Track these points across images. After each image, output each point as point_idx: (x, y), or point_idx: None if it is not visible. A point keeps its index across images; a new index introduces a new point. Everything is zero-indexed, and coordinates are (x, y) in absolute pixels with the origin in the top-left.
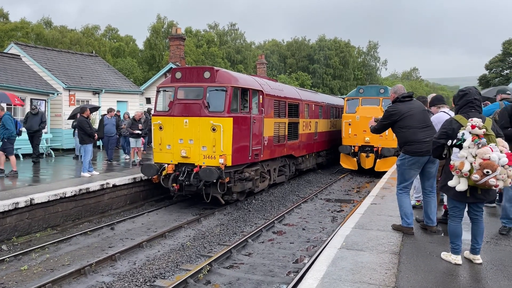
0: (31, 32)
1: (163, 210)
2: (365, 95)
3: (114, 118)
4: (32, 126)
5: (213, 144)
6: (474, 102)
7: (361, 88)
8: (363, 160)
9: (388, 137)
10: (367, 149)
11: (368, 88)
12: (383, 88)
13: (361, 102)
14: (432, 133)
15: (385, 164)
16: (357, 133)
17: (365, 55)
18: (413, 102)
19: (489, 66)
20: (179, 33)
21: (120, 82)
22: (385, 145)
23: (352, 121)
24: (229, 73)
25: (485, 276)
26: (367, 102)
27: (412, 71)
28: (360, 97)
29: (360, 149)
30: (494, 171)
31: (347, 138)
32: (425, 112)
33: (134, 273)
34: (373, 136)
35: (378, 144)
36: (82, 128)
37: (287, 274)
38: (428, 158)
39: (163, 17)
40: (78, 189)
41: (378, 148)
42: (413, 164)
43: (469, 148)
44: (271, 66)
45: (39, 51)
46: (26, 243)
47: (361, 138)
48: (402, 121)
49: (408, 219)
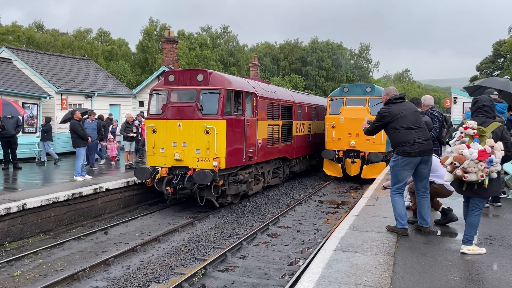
0: (22, 36)
1: (157, 213)
2: (350, 94)
3: (95, 122)
4: (9, 130)
5: (207, 147)
6: (482, 108)
7: (345, 86)
8: (348, 166)
9: (376, 141)
10: (353, 154)
11: (353, 87)
12: (369, 86)
13: (345, 102)
14: (425, 134)
15: (373, 171)
16: (342, 136)
17: (357, 57)
18: (405, 103)
19: (480, 67)
20: (172, 36)
21: (112, 85)
22: (372, 150)
23: (336, 123)
24: (222, 76)
25: (480, 277)
26: (352, 102)
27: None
28: (344, 97)
29: (345, 154)
30: (461, 164)
31: (330, 142)
32: (417, 113)
33: (128, 277)
34: (359, 140)
35: (364, 149)
36: (75, 131)
37: (282, 276)
38: (421, 159)
39: (156, 20)
40: (71, 194)
41: (364, 153)
42: (406, 165)
43: (454, 145)
44: (264, 68)
45: (30, 54)
46: (18, 248)
47: (346, 142)
48: (394, 122)
49: (402, 220)
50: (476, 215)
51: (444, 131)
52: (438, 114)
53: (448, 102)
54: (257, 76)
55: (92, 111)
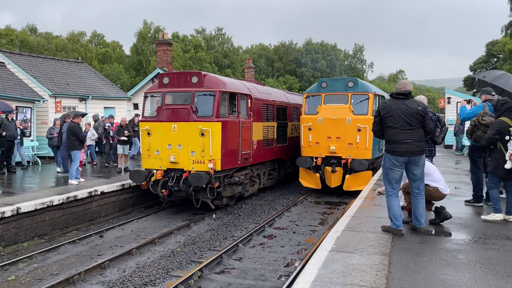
0: (15, 39)
1: (153, 216)
2: (329, 91)
3: None
4: (13, 134)
5: (202, 149)
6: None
7: (323, 81)
8: (328, 176)
9: (360, 145)
10: (333, 162)
11: (332, 82)
12: (352, 80)
13: (324, 99)
14: (416, 135)
15: (357, 181)
16: (320, 140)
17: (351, 58)
18: (406, 101)
19: (474, 67)
20: (166, 38)
21: (107, 88)
22: (356, 156)
23: (313, 125)
24: (217, 78)
25: (474, 276)
26: (332, 100)
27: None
28: (322, 93)
29: (324, 162)
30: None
31: (306, 148)
32: (416, 113)
33: (124, 281)
34: (341, 145)
35: (347, 155)
36: (75, 134)
37: (278, 278)
38: (408, 159)
39: (150, 22)
40: (66, 197)
41: (347, 160)
42: (393, 164)
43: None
44: (259, 70)
45: (24, 58)
46: (13, 253)
47: (324, 147)
48: (387, 119)
49: (397, 221)
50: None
51: (437, 131)
52: (432, 114)
53: (442, 102)
54: (251, 78)
55: (68, 114)
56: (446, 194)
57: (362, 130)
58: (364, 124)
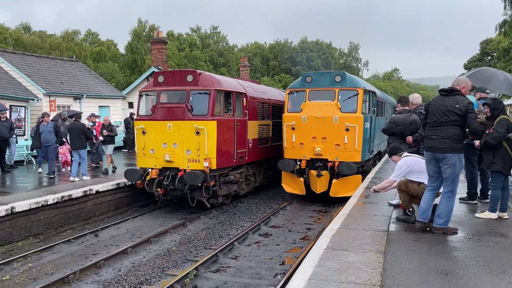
0: (9, 38)
1: (148, 215)
2: (314, 86)
3: (51, 124)
4: (4, 134)
5: (198, 148)
6: None
7: (308, 75)
8: (313, 180)
9: (348, 146)
10: (319, 165)
11: (318, 76)
12: (339, 74)
13: (308, 95)
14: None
15: (345, 187)
16: (304, 141)
17: (346, 56)
18: (445, 98)
19: (468, 65)
20: (161, 37)
21: (101, 87)
22: (343, 159)
23: (297, 124)
24: (212, 76)
25: (468, 273)
26: (318, 96)
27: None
28: (307, 89)
29: (308, 165)
30: None
31: (290, 149)
32: (450, 111)
33: (120, 280)
34: (327, 146)
35: (334, 157)
36: (85, 133)
37: (274, 276)
38: (433, 155)
39: (144, 20)
40: (60, 196)
41: (334, 163)
42: (427, 159)
43: None
44: (254, 68)
45: (17, 56)
46: (7, 252)
47: (309, 148)
48: (427, 114)
49: (421, 214)
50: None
51: None
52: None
53: None
54: (247, 76)
55: (46, 113)
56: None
57: (350, 130)
58: (352, 123)
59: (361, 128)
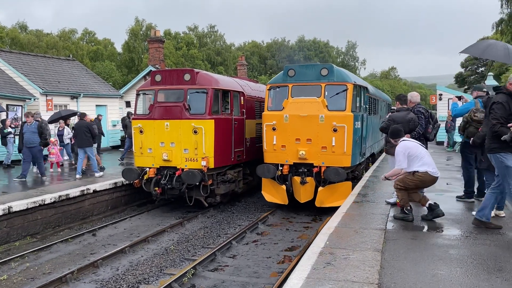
0: (5, 37)
1: (146, 214)
2: (298, 80)
3: (35, 125)
4: None
5: (195, 147)
6: None
7: (290, 68)
8: (297, 188)
9: (336, 149)
10: (303, 171)
11: (302, 69)
12: (326, 67)
13: (291, 91)
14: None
15: (332, 195)
16: (287, 143)
17: (344, 55)
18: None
19: (465, 64)
20: (158, 36)
21: (98, 86)
22: (331, 163)
23: (278, 124)
24: (210, 75)
25: (465, 270)
26: (302, 92)
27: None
28: (290, 84)
29: (291, 170)
30: None
31: (270, 153)
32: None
33: (117, 279)
34: (313, 149)
35: (320, 162)
36: (91, 131)
37: (272, 275)
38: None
39: (142, 19)
40: (58, 196)
41: (320, 168)
42: None
43: None
44: (252, 67)
45: (14, 55)
46: (4, 252)
47: (292, 151)
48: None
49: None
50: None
51: (429, 127)
52: (424, 110)
53: (434, 99)
54: (244, 75)
55: (29, 113)
56: (437, 176)
57: (339, 130)
58: (341, 122)
59: (351, 128)
